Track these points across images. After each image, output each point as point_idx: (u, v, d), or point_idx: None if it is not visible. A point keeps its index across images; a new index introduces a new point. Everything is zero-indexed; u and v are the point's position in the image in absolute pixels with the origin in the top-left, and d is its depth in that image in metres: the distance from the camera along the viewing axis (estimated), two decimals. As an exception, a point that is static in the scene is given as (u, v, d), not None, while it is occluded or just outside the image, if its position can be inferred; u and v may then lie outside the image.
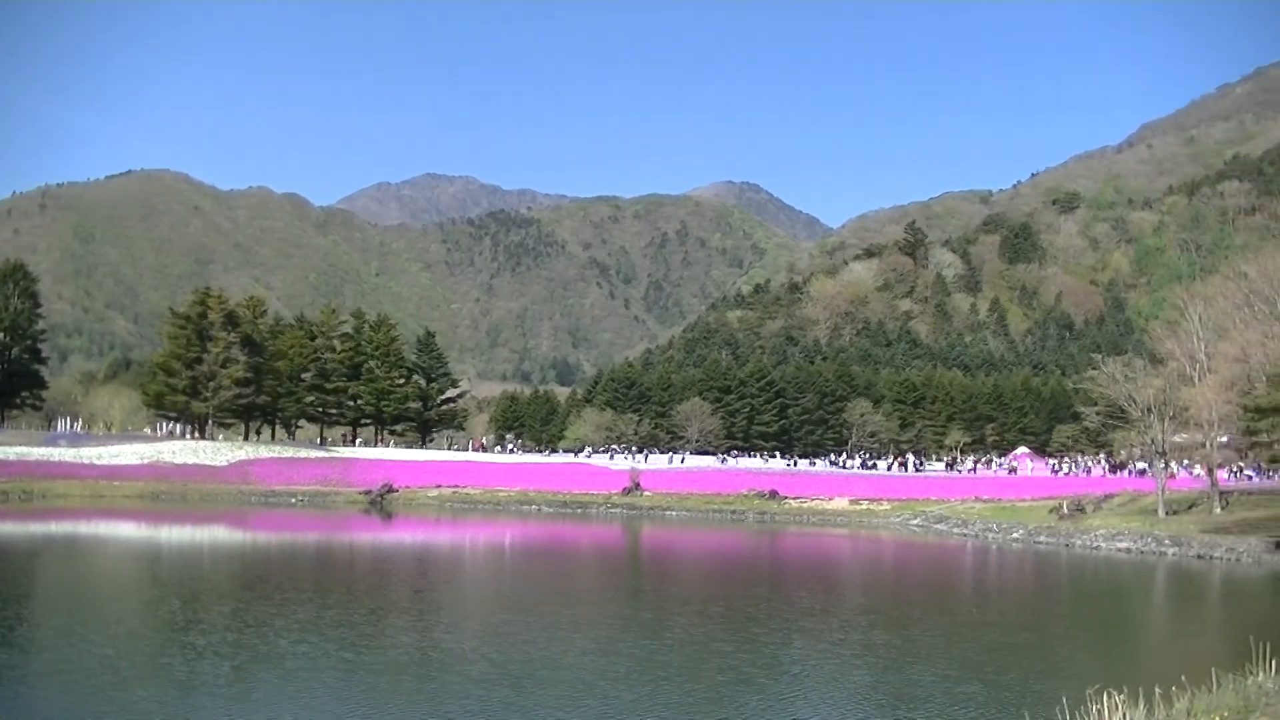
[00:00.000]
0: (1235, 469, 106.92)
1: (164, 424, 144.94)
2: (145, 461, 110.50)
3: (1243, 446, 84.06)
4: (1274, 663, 21.89)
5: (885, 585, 56.33)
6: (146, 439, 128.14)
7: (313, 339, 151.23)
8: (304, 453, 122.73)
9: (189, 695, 24.27)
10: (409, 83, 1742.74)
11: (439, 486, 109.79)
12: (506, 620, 37.53)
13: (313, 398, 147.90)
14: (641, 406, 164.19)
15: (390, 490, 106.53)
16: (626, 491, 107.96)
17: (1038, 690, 26.43)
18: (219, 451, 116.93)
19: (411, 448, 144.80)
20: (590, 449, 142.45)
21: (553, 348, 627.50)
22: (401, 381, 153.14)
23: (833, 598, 47.57)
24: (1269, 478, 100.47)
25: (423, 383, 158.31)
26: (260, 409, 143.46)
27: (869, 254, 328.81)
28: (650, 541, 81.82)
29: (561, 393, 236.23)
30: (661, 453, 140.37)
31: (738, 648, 32.39)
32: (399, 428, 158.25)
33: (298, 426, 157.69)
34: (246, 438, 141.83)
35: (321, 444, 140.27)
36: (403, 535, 79.41)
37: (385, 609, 39.69)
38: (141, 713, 22.53)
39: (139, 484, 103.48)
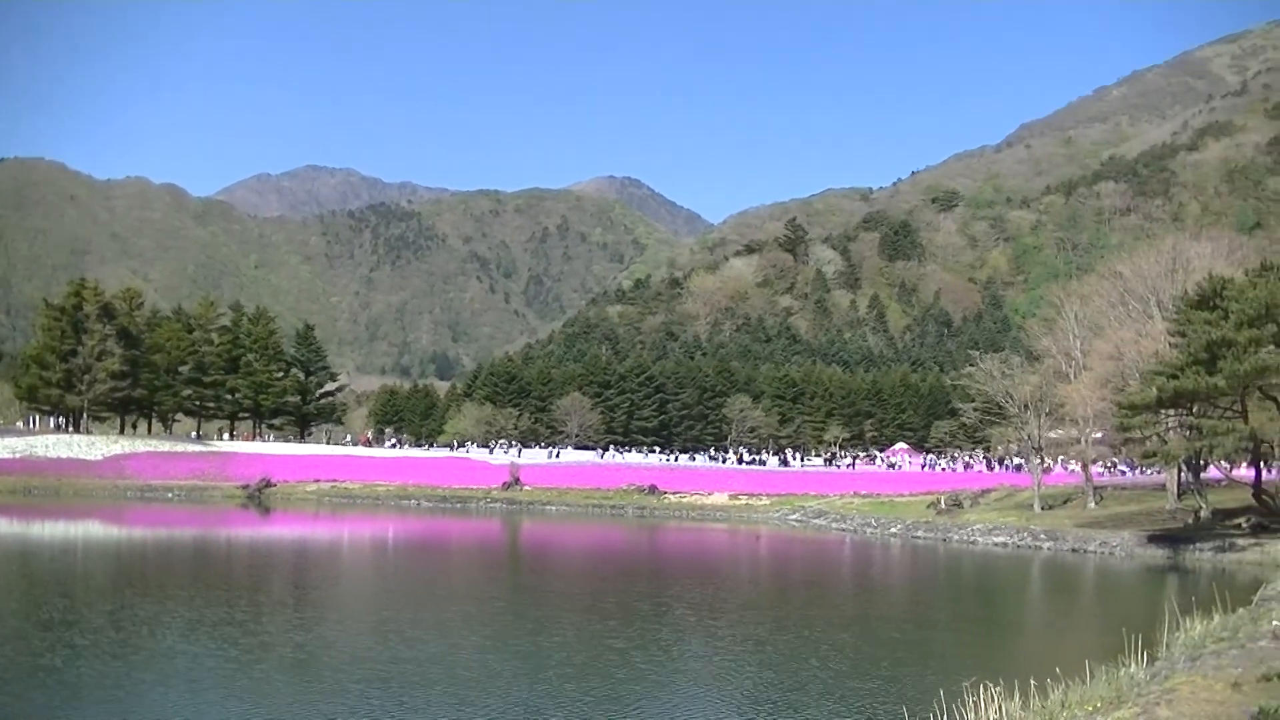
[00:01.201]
0: (1109, 464, 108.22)
1: (36, 418, 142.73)
2: (17, 456, 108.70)
3: (1116, 442, 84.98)
4: (1145, 654, 22.07)
5: (769, 581, 56.35)
6: (18, 433, 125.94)
7: (190, 332, 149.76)
8: (181, 447, 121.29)
9: (74, 698, 23.57)
10: (289, 73, 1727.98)
11: (317, 481, 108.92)
12: (394, 617, 37.03)
13: (190, 391, 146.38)
14: (521, 401, 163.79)
15: (268, 485, 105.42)
16: (506, 486, 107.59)
17: (915, 684, 26.39)
18: (93, 445, 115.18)
19: (290, 442, 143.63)
20: (470, 444, 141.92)
21: (432, 342, 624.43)
22: (280, 375, 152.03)
23: (721, 593, 47.44)
24: (1142, 473, 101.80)
25: (301, 376, 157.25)
26: (136, 402, 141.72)
27: (749, 250, 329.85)
28: (532, 537, 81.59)
29: (441, 387, 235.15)
30: (541, 447, 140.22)
31: (630, 644, 32.20)
32: (277, 422, 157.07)
33: (175, 420, 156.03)
34: (122, 431, 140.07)
35: (198, 438, 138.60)
36: (282, 531, 78.55)
37: (269, 606, 39.09)
38: (22, 717, 21.95)
39: (10, 479, 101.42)
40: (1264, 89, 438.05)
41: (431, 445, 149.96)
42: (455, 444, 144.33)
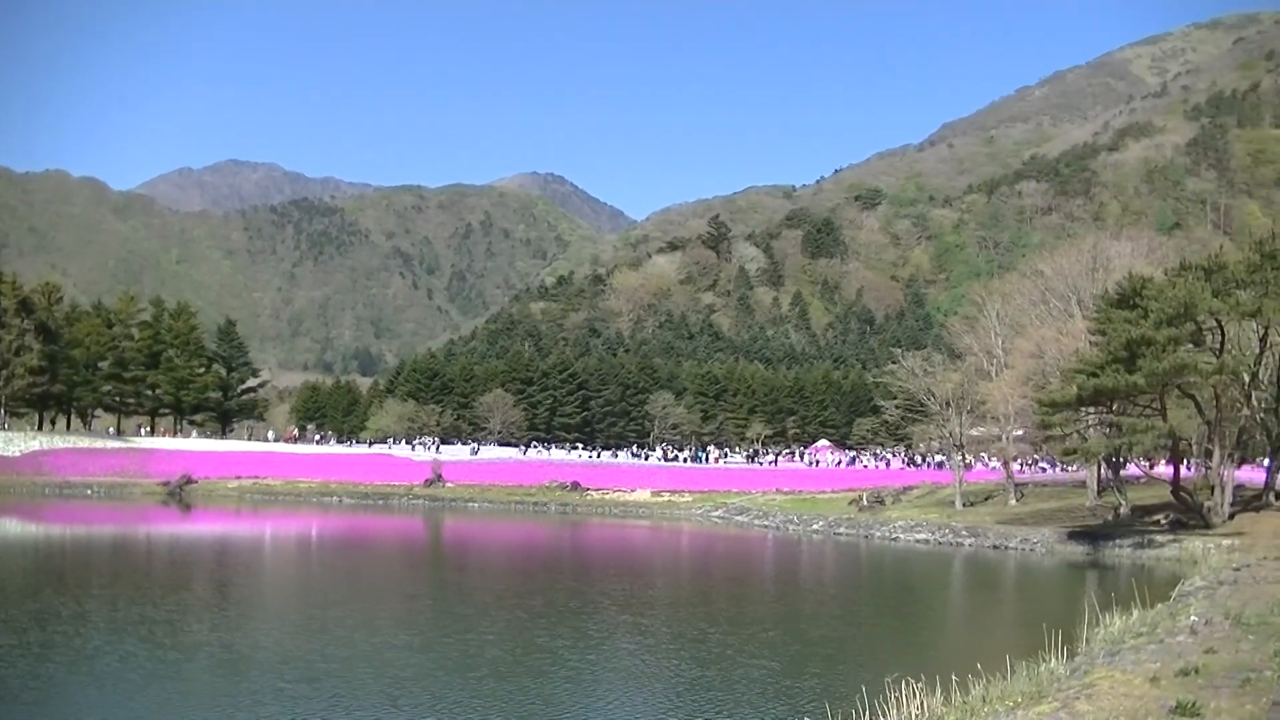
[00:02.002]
0: (1030, 461, 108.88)
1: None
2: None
3: (1037, 440, 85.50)
4: (1065, 650, 22.27)
5: (694, 578, 56.41)
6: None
7: (110, 327, 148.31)
8: (100, 443, 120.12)
9: (1, 701, 23.32)
10: (211, 66, 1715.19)
11: (239, 478, 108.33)
12: (322, 615, 36.77)
13: (110, 387, 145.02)
14: (444, 397, 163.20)
15: (189, 481, 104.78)
16: (428, 483, 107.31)
17: (839, 681, 26.53)
18: (11, 441, 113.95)
19: (211, 439, 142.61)
20: (392, 440, 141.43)
21: (355, 338, 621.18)
22: (201, 371, 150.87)
23: (648, 590, 47.44)
24: (1062, 470, 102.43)
25: (223, 372, 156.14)
26: (55, 398, 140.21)
27: (672, 247, 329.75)
28: (456, 533, 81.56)
29: (363, 383, 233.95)
30: (464, 444, 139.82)
31: (561, 641, 32.19)
32: (199, 418, 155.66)
33: (94, 416, 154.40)
34: (40, 428, 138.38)
35: (118, 434, 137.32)
36: (204, 528, 78.13)
37: (195, 605, 38.67)
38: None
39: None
40: (1183, 90, 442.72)
41: (354, 442, 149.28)
42: (370, 442, 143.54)
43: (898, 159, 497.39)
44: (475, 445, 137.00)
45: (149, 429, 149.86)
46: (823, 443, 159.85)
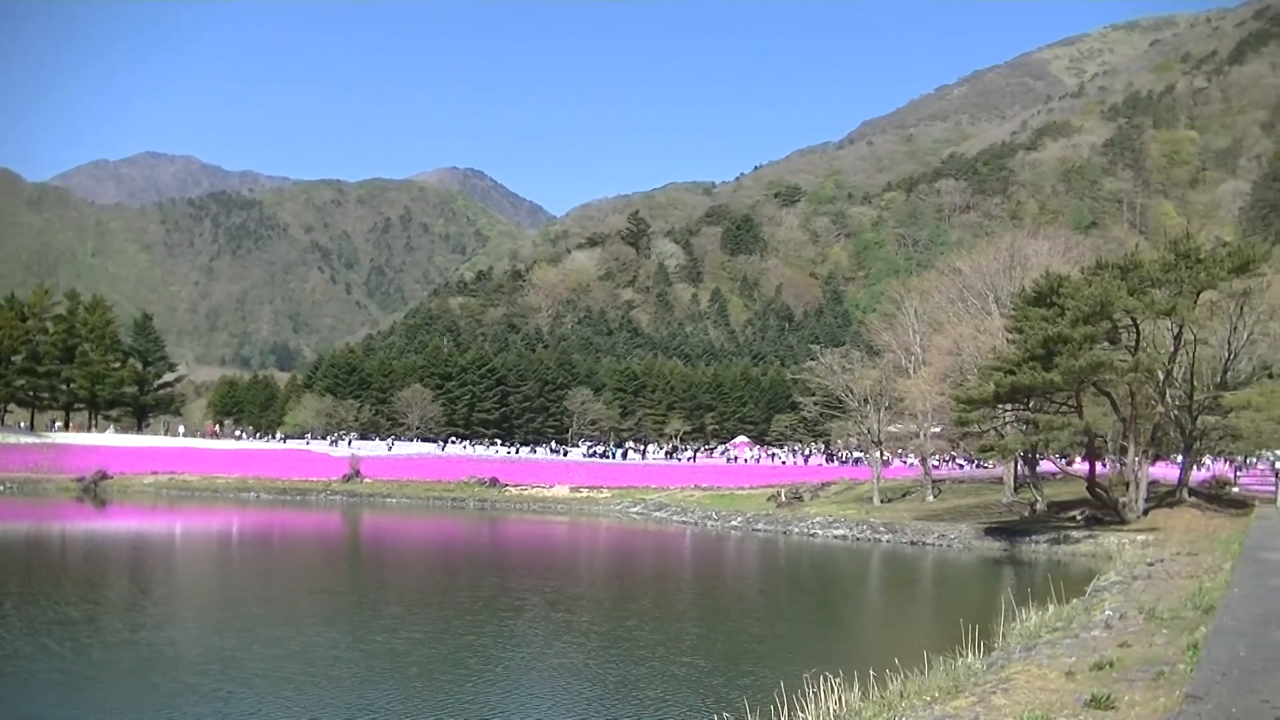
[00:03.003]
0: (947, 458, 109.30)
1: None
2: None
3: (955, 436, 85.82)
4: (982, 644, 22.38)
5: (614, 574, 56.32)
6: None
7: (24, 320, 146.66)
8: (13, 438, 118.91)
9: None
10: (128, 58, 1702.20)
11: (155, 473, 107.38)
12: (246, 614, 36.39)
13: (23, 381, 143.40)
14: (362, 393, 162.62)
15: (104, 477, 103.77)
16: (347, 478, 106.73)
17: (757, 676, 26.55)
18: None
19: (127, 433, 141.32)
20: (310, 435, 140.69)
21: (273, 332, 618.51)
22: (117, 365, 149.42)
23: (572, 587, 47.45)
24: (979, 467, 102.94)
25: (139, 366, 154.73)
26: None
27: (592, 243, 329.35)
28: (376, 530, 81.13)
29: (281, 378, 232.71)
30: (382, 439, 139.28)
31: (482, 637, 32.16)
32: (114, 413, 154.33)
33: (7, 411, 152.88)
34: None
35: (31, 429, 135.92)
36: (120, 524, 77.25)
37: (114, 604, 38.31)
38: None
39: None
40: (1100, 91, 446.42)
41: (272, 437, 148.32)
42: (287, 437, 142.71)
43: (817, 156, 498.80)
44: (391, 441, 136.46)
45: (63, 424, 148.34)
46: (741, 439, 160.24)
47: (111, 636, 30.99)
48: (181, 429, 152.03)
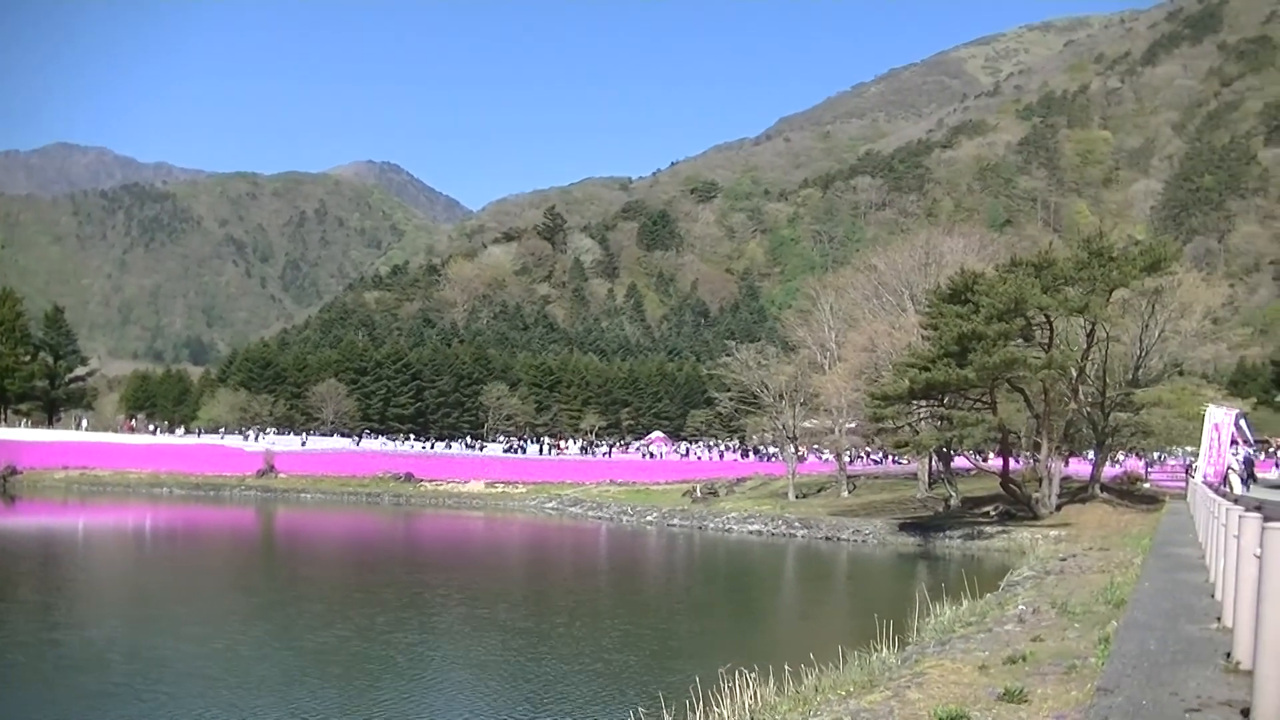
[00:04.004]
0: (862, 454, 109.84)
1: None
2: None
3: (869, 432, 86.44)
4: (897, 639, 22.49)
5: (530, 571, 56.54)
6: None
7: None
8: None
9: None
10: (39, 46, 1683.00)
11: (66, 468, 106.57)
12: (167, 613, 36.09)
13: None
14: (277, 387, 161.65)
15: (13, 472, 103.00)
16: (261, 474, 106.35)
17: (674, 672, 26.55)
18: None
19: (38, 428, 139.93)
20: (224, 430, 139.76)
21: (187, 326, 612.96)
22: (27, 359, 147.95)
23: (494, 585, 47.44)
24: (894, 462, 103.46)
25: (50, 360, 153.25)
26: None
27: (508, 238, 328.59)
28: (292, 525, 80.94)
29: (195, 372, 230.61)
30: (297, 434, 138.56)
31: (405, 632, 32.11)
32: (24, 407, 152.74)
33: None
34: None
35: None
36: (30, 520, 76.60)
37: (28, 604, 37.83)
38: None
39: None
40: (1016, 90, 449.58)
41: (185, 432, 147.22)
42: (201, 431, 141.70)
43: (734, 152, 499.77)
44: (303, 436, 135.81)
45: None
46: (657, 434, 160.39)
47: (28, 637, 30.59)
48: (84, 422, 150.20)
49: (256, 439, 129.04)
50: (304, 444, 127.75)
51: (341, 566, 54.49)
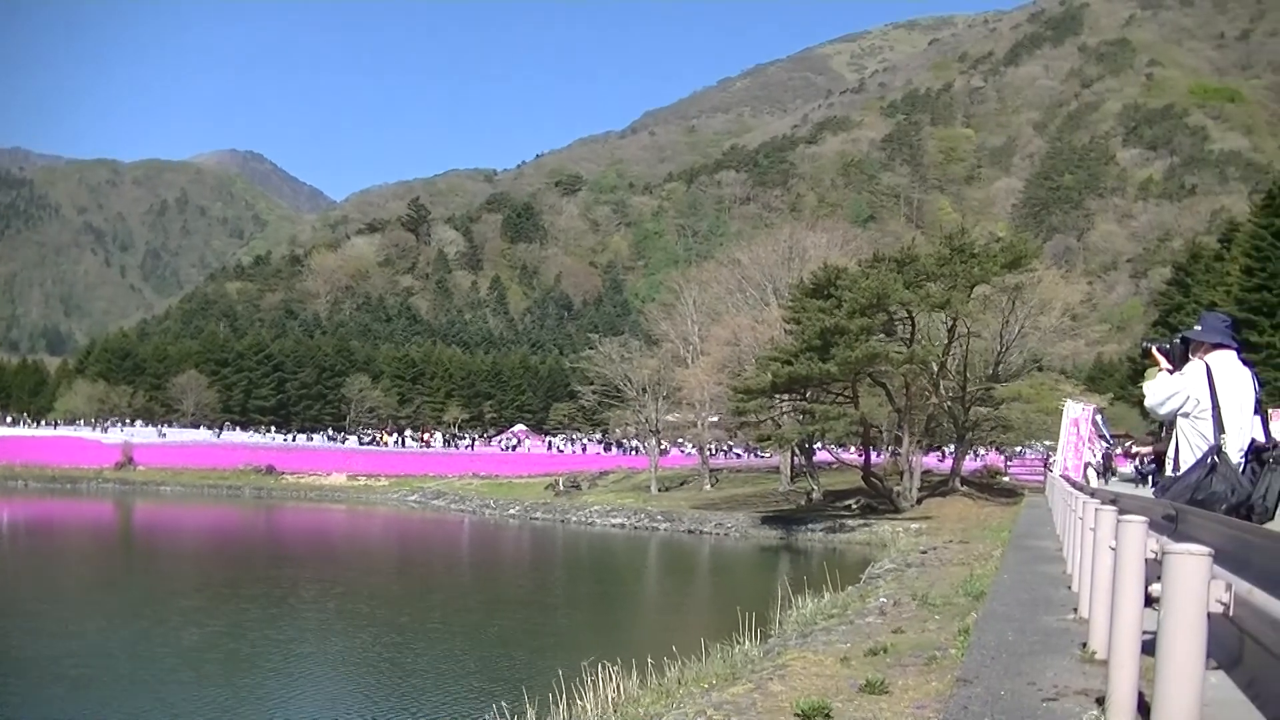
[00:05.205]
0: (725, 447, 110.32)
1: None
2: None
3: (732, 426, 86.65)
4: (759, 632, 22.60)
5: (393, 565, 56.18)
6: None
7: None
8: None
9: None
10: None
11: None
12: (29, 611, 35.31)
13: None
14: (136, 378, 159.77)
15: None
16: (119, 466, 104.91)
17: (537, 665, 26.58)
18: None
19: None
20: (82, 421, 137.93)
21: (43, 315, 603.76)
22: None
23: (355, 579, 47.01)
24: (757, 456, 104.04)
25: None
26: None
27: (372, 229, 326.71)
28: (153, 519, 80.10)
29: (52, 363, 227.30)
30: (156, 426, 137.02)
31: (279, 629, 31.97)
32: None
33: None
34: None
35: None
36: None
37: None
38: None
39: None
40: (880, 87, 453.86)
41: (41, 423, 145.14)
42: (58, 423, 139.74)
43: (599, 145, 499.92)
44: (162, 427, 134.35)
45: None
46: (520, 427, 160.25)
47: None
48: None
49: (112, 431, 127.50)
50: (162, 436, 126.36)
51: (207, 561, 53.88)
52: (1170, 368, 10.73)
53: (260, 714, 22.78)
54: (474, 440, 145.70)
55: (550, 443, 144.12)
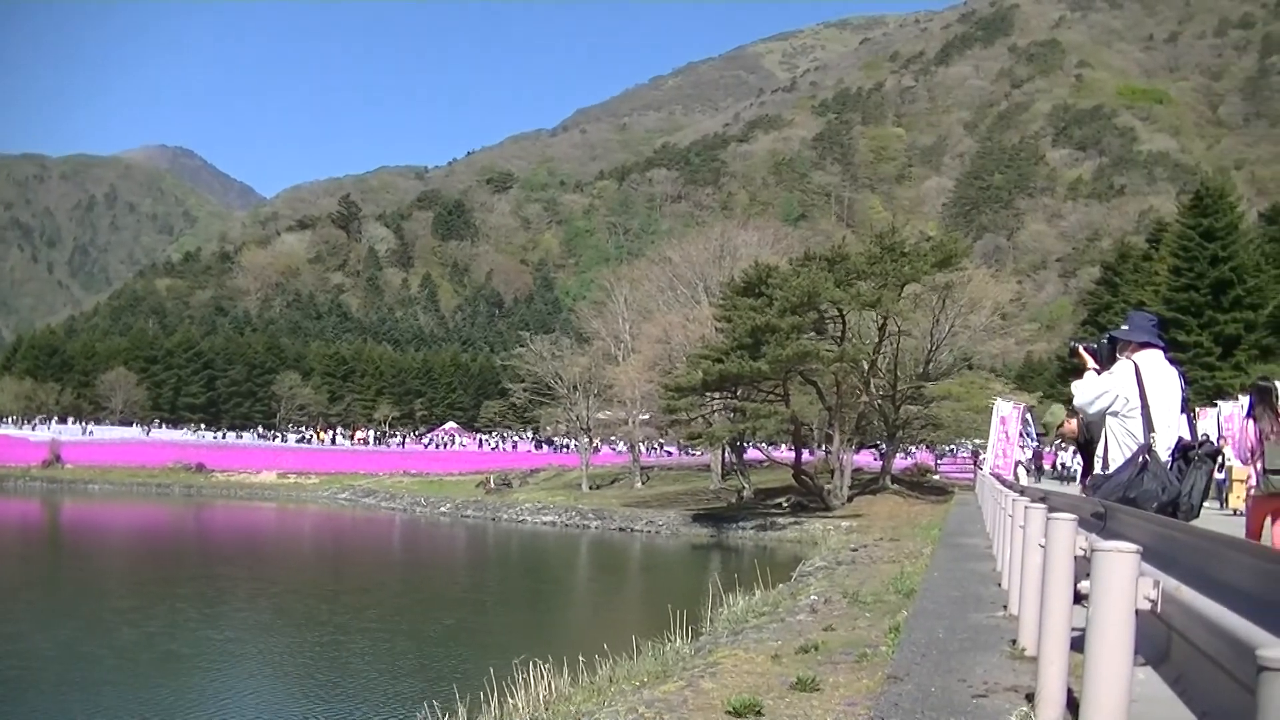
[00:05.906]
0: (656, 445, 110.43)
1: None
2: None
3: (663, 424, 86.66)
4: (690, 630, 22.59)
5: (324, 563, 55.92)
6: None
7: None
8: None
9: None
10: None
11: None
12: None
13: None
14: (64, 376, 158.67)
15: None
16: (46, 464, 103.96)
17: (466, 664, 26.54)
18: None
19: None
20: (10, 419, 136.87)
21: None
22: None
23: (286, 577, 46.78)
24: (687, 454, 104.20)
25: None
26: None
27: (302, 226, 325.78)
28: (81, 517, 79.35)
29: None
30: (84, 423, 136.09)
31: (219, 629, 31.78)
32: None
33: None
34: None
35: None
36: None
37: None
38: None
39: None
40: (811, 86, 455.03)
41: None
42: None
43: (530, 143, 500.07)
44: (88, 425, 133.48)
45: None
46: (451, 425, 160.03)
47: None
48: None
49: (39, 428, 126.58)
50: (89, 433, 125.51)
51: (139, 560, 53.39)
52: (1098, 367, 10.83)
53: (199, 714, 22.64)
54: (405, 438, 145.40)
55: (481, 440, 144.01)
